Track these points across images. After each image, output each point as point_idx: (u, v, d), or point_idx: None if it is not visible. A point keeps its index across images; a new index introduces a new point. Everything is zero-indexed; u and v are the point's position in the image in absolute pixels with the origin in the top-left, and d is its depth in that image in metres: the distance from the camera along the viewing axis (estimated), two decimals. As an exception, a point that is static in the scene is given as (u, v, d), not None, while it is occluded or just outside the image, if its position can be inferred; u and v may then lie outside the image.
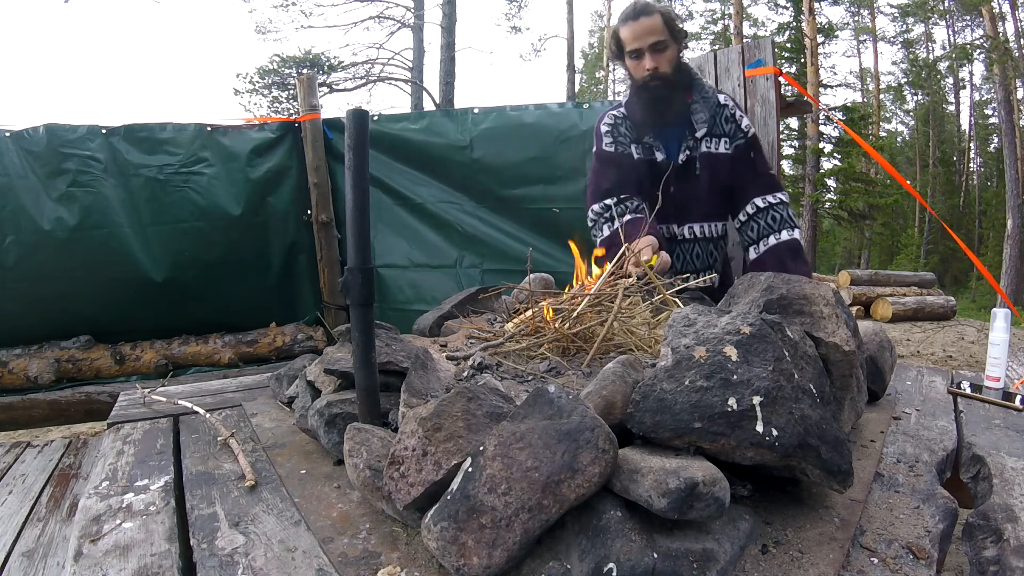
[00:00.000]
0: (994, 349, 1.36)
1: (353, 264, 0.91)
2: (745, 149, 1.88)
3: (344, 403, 1.01)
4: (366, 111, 0.93)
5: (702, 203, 1.93)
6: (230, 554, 0.74)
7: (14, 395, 2.78)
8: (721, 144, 1.89)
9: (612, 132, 1.94)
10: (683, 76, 1.87)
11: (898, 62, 23.24)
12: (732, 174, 1.89)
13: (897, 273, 8.71)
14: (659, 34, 1.78)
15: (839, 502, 0.82)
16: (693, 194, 1.90)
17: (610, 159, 1.93)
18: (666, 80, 1.81)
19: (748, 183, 1.89)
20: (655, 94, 1.82)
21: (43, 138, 2.71)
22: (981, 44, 16.59)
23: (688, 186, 1.89)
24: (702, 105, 1.87)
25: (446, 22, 11.55)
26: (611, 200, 1.89)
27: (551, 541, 0.67)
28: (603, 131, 1.96)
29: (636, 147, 1.92)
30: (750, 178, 1.89)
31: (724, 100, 1.91)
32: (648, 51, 1.79)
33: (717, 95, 1.91)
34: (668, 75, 1.82)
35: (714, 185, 1.90)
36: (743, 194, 1.89)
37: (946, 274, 18.17)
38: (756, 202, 1.86)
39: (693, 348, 0.78)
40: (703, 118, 1.86)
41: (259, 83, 12.36)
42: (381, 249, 3.12)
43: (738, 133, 1.89)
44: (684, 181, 1.89)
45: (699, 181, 1.89)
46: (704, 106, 1.86)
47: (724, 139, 1.89)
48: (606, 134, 1.95)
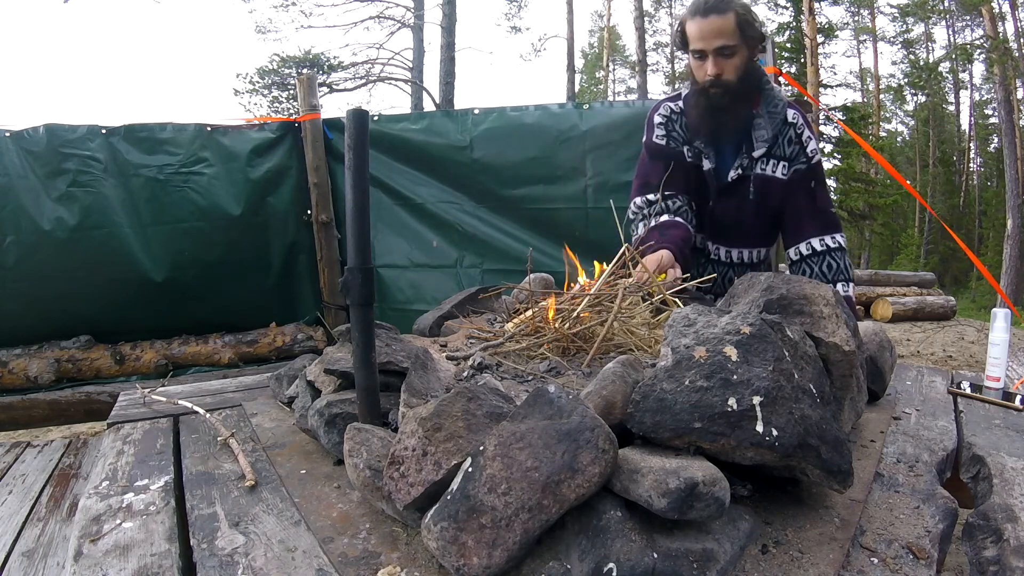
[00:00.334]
0: (994, 349, 1.36)
1: (353, 264, 0.91)
2: (805, 177, 1.68)
3: (344, 403, 1.01)
4: (366, 111, 0.93)
5: (745, 228, 1.75)
6: (230, 554, 0.74)
7: (14, 395, 2.78)
8: (779, 168, 1.68)
9: (666, 125, 1.76)
10: (749, 86, 1.64)
11: (898, 62, 23.28)
12: (785, 202, 1.69)
13: (897, 273, 8.72)
14: (728, 37, 1.56)
15: (839, 502, 0.82)
16: (738, 217, 1.73)
17: (659, 152, 1.76)
18: (728, 89, 1.60)
19: (804, 217, 1.70)
20: (713, 103, 1.62)
21: (43, 138, 2.71)
22: (981, 44, 16.59)
23: (734, 207, 1.72)
24: (766, 120, 1.65)
25: (446, 22, 11.56)
26: (654, 195, 1.74)
27: (551, 541, 0.67)
28: (656, 122, 1.78)
29: (688, 149, 1.74)
30: (807, 212, 1.70)
31: (792, 117, 1.68)
32: (713, 54, 1.57)
33: (787, 110, 1.69)
34: (731, 84, 1.60)
35: (764, 211, 1.71)
36: (797, 229, 1.71)
37: (946, 274, 18.16)
38: (813, 243, 1.68)
39: (693, 348, 0.78)
40: (765, 135, 1.65)
41: (259, 83, 12.36)
42: (381, 249, 3.12)
43: (800, 157, 1.67)
44: (730, 200, 1.72)
45: (747, 204, 1.71)
46: (768, 121, 1.65)
47: (783, 162, 1.68)
48: (659, 126, 1.77)
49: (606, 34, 24.22)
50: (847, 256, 1.71)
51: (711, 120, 1.66)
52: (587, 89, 25.81)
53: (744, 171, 1.69)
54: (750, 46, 1.61)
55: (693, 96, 1.70)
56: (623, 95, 25.04)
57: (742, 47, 1.59)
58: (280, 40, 20.60)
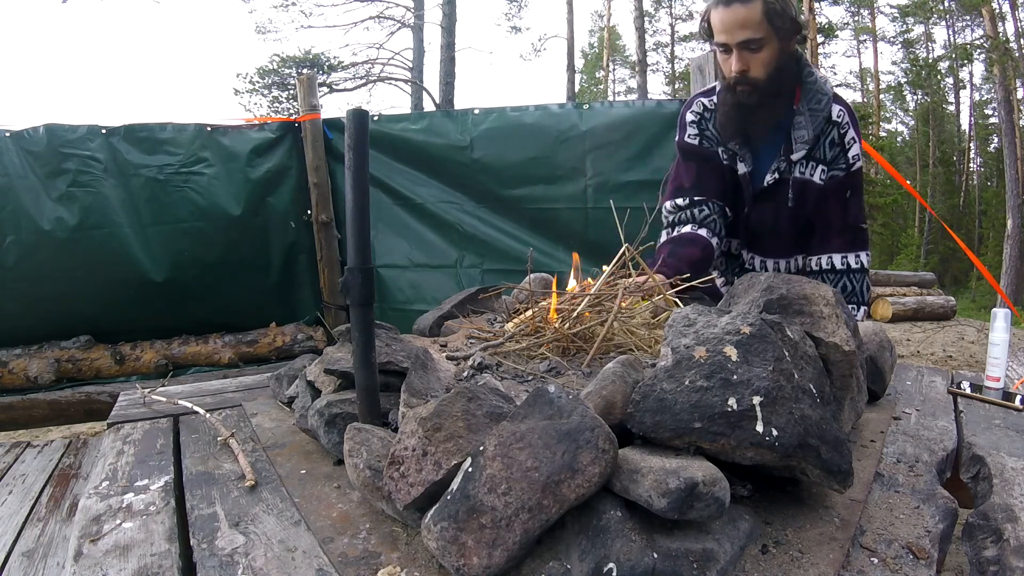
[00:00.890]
0: (994, 349, 1.36)
1: (353, 264, 0.91)
2: (842, 184, 1.54)
3: (344, 403, 1.01)
4: (366, 111, 0.93)
5: (782, 237, 1.63)
6: (230, 554, 0.74)
7: (14, 395, 2.78)
8: (817, 172, 1.53)
9: (698, 124, 1.63)
10: (782, 82, 1.48)
11: (898, 62, 23.31)
12: (819, 208, 1.56)
13: (897, 273, 8.72)
14: (754, 29, 1.39)
15: (839, 502, 0.82)
16: (775, 224, 1.61)
17: (692, 152, 1.64)
18: (756, 87, 1.45)
19: (832, 227, 1.57)
20: (741, 100, 1.48)
21: (43, 138, 2.71)
22: (981, 44, 16.60)
23: (771, 214, 1.60)
24: (807, 119, 1.49)
25: (446, 22, 11.56)
26: (683, 200, 1.62)
27: (551, 541, 0.67)
28: (688, 120, 1.65)
29: (722, 150, 1.61)
30: (837, 223, 1.57)
31: (837, 115, 1.51)
32: (737, 48, 1.42)
33: (831, 106, 1.50)
34: (760, 81, 1.45)
35: (800, 218, 1.59)
36: (821, 240, 1.59)
37: (946, 274, 18.18)
38: (834, 259, 1.57)
39: (693, 348, 0.78)
40: (805, 136, 1.49)
41: (259, 83, 12.38)
42: (381, 249, 3.13)
43: (839, 161, 1.52)
44: (767, 207, 1.60)
45: (784, 211, 1.58)
46: (810, 120, 1.49)
47: (822, 166, 1.53)
48: (691, 124, 1.64)
49: (606, 34, 24.22)
50: (867, 277, 1.59)
51: (739, 120, 1.53)
52: (587, 89, 25.82)
53: (781, 175, 1.55)
54: (782, 37, 1.43)
55: (721, 93, 1.56)
56: (623, 95, 25.05)
57: (771, 39, 1.41)
58: (280, 40, 20.65)
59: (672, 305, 1.26)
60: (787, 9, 1.41)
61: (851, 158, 1.53)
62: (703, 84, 2.58)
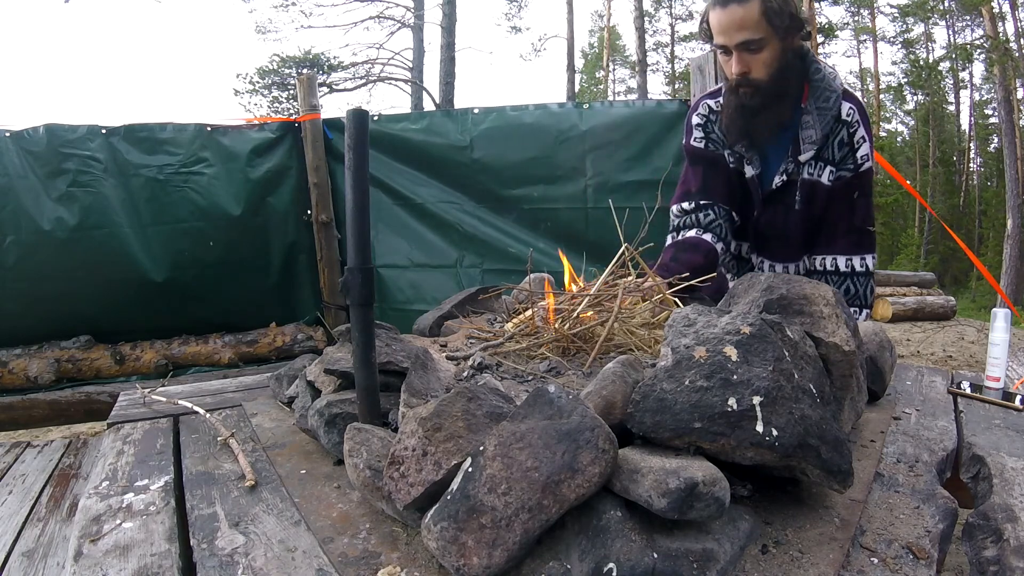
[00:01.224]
0: (994, 349, 1.36)
1: (353, 264, 0.91)
2: (848, 186, 1.50)
3: (344, 403, 1.01)
4: (366, 111, 0.93)
5: (792, 240, 1.60)
6: (230, 554, 0.74)
7: (14, 395, 2.78)
8: (825, 172, 1.50)
9: (704, 127, 1.62)
10: (786, 82, 1.45)
11: (898, 62, 23.31)
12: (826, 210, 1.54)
13: (897, 273, 8.72)
14: (753, 29, 1.36)
15: (839, 502, 0.82)
16: (784, 228, 1.58)
17: (698, 156, 1.63)
18: (759, 89, 1.43)
19: (838, 231, 1.54)
20: (744, 102, 1.46)
21: (43, 138, 2.71)
22: (981, 44, 16.60)
23: (780, 217, 1.58)
24: (816, 118, 1.45)
25: (446, 22, 11.57)
26: (689, 204, 1.61)
27: (551, 541, 0.67)
28: (694, 123, 1.63)
29: (728, 153, 1.59)
30: (843, 224, 1.54)
31: (847, 114, 1.47)
32: (736, 50, 1.40)
33: (841, 104, 1.46)
34: (761, 83, 1.42)
35: (808, 220, 1.56)
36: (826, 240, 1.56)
37: (946, 274, 18.18)
38: (839, 261, 1.54)
39: (693, 348, 0.78)
40: (813, 136, 1.46)
41: (259, 83, 12.39)
42: (381, 249, 3.13)
43: (848, 161, 1.49)
44: (776, 210, 1.57)
45: (793, 214, 1.55)
46: (818, 119, 1.45)
47: (830, 166, 1.49)
48: (697, 127, 1.62)
49: (606, 34, 24.23)
50: (871, 280, 1.56)
51: (743, 123, 1.50)
52: (587, 89, 25.82)
53: (789, 176, 1.53)
54: (783, 36, 1.40)
55: (725, 95, 1.54)
56: (623, 95, 25.06)
57: (771, 39, 1.39)
58: (280, 40, 20.66)
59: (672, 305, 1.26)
60: (786, 7, 1.38)
61: (860, 158, 1.49)
62: (703, 84, 2.58)
